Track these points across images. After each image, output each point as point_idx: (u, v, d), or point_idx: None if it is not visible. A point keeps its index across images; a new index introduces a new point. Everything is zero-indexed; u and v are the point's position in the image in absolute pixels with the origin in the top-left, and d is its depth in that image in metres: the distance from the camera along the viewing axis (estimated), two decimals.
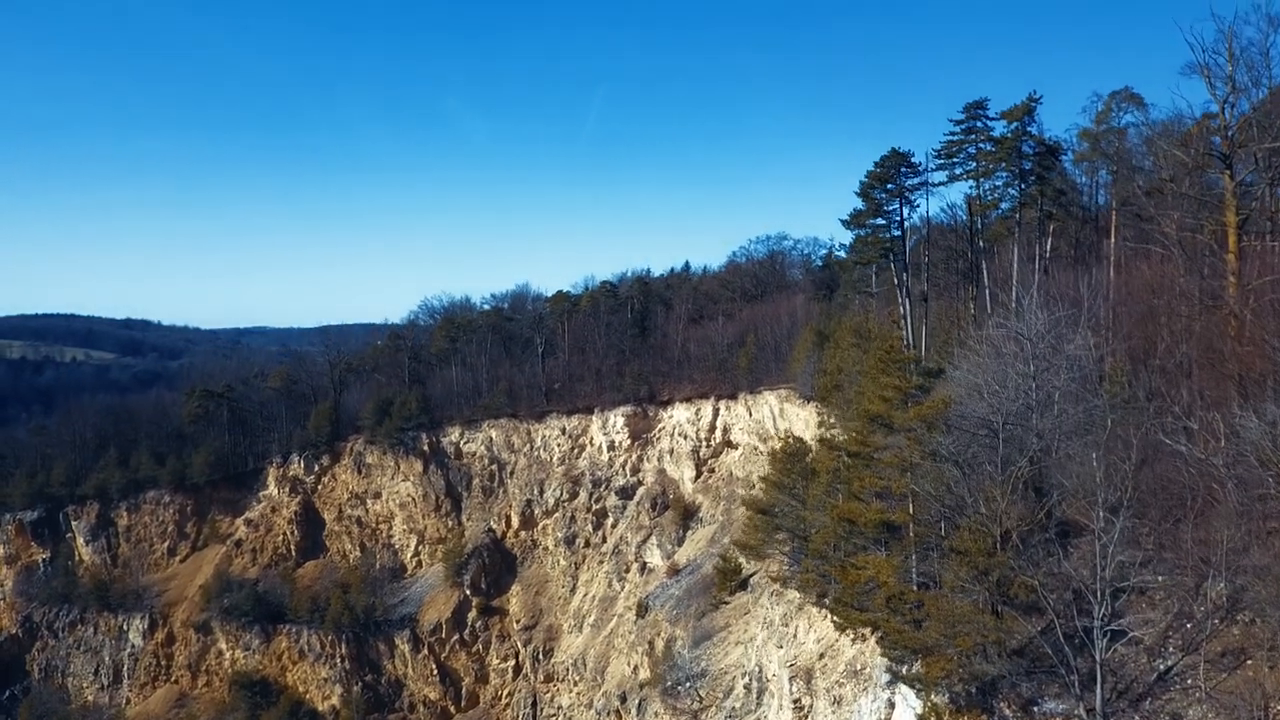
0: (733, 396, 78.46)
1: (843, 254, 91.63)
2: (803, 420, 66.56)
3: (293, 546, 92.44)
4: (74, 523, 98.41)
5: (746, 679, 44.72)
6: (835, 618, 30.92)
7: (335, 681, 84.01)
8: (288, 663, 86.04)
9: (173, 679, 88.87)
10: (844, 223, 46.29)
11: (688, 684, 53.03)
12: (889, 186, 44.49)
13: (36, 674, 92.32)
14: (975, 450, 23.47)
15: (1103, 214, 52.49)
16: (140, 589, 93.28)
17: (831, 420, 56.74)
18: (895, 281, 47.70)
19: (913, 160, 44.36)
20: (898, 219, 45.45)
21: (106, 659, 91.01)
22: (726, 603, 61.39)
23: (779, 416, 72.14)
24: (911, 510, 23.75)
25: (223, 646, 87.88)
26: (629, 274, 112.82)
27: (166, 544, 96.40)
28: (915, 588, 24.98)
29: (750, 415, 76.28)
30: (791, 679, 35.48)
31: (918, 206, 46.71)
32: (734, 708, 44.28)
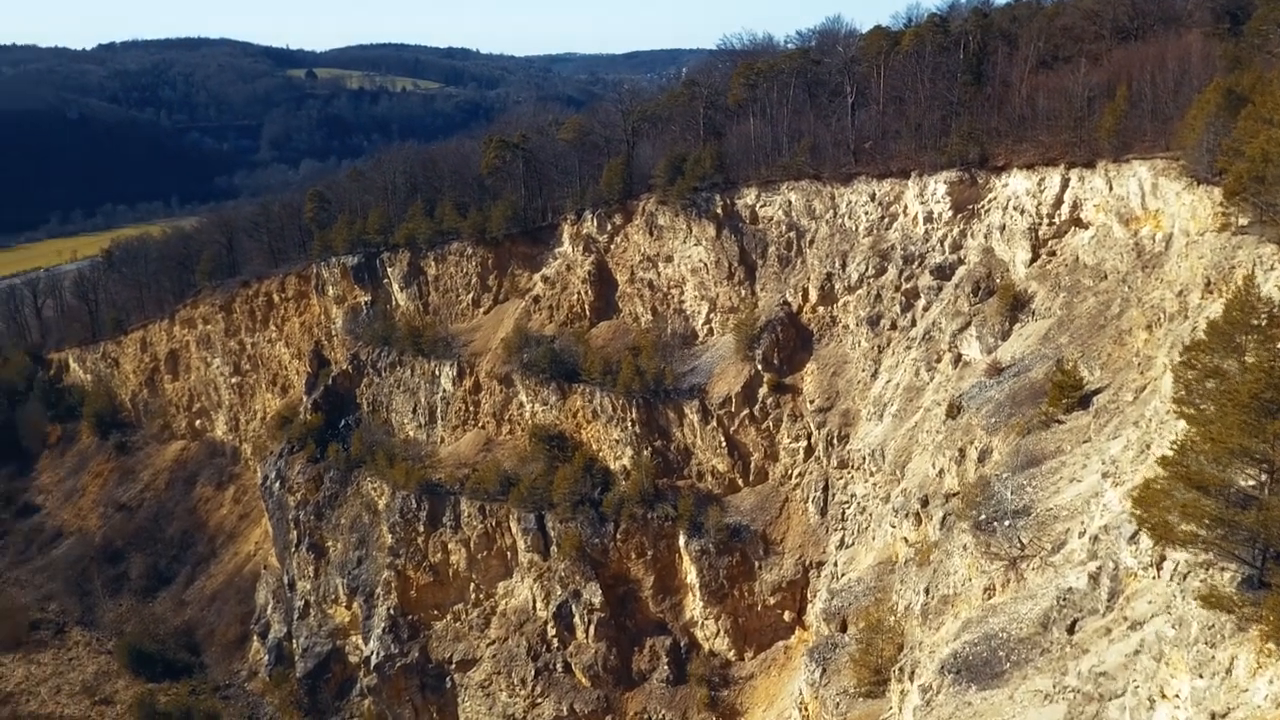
0: (1089, 164, 63.28)
1: None
2: (1188, 207, 51.66)
3: (586, 306, 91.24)
4: (389, 269, 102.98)
5: (1095, 564, 35.94)
6: None
7: (626, 444, 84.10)
8: (582, 421, 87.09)
9: (479, 425, 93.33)
10: None
11: (1006, 522, 45.03)
12: None
13: (365, 408, 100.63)
14: None
15: None
16: (449, 337, 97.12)
17: (1242, 221, 42.89)
18: None
19: None
20: None
21: (422, 400, 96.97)
22: (1060, 422, 51.30)
23: (1150, 194, 57.26)
24: None
25: (523, 399, 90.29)
26: (964, 1, 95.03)
27: (470, 295, 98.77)
28: None
29: (1110, 190, 61.56)
30: None
31: None
32: (1069, 588, 35.99)
